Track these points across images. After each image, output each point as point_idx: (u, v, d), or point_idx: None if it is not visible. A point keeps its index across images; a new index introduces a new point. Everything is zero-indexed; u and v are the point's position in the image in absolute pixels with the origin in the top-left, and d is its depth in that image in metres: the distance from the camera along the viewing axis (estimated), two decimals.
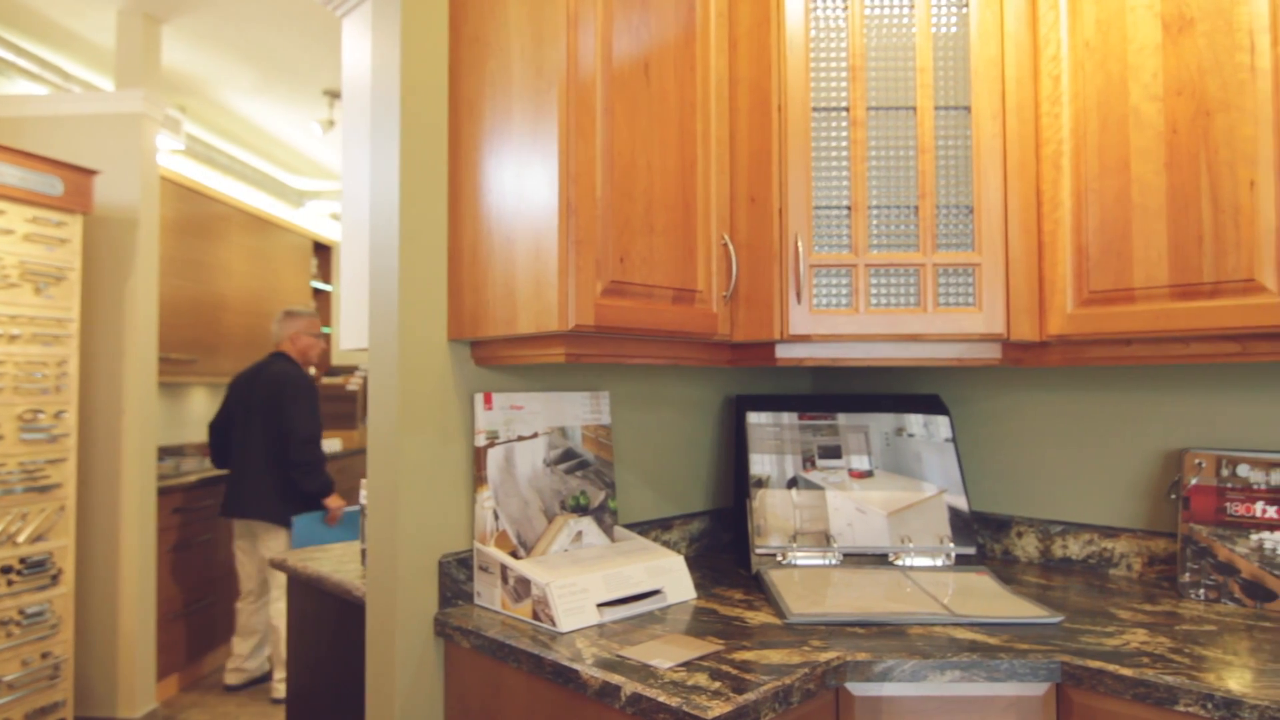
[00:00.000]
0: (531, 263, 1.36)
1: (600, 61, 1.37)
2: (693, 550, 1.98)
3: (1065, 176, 1.57)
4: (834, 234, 1.55)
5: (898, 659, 1.25)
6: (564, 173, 1.32)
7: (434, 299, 1.52)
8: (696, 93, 1.54)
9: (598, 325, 1.34)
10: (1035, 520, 1.89)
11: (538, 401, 1.63)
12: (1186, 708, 1.13)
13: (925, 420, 1.89)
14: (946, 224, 1.54)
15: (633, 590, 1.48)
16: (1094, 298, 1.53)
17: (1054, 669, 1.24)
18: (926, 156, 1.54)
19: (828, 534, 1.77)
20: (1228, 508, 1.57)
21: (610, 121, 1.38)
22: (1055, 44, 1.58)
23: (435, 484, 1.51)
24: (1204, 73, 1.41)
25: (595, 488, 1.70)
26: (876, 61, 1.56)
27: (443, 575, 1.51)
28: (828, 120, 1.56)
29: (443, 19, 1.54)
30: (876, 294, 1.54)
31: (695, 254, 1.53)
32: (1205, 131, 1.41)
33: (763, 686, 1.12)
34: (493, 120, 1.45)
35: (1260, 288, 1.35)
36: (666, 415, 1.95)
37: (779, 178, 1.56)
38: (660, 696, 1.10)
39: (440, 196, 1.53)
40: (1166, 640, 1.31)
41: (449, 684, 1.50)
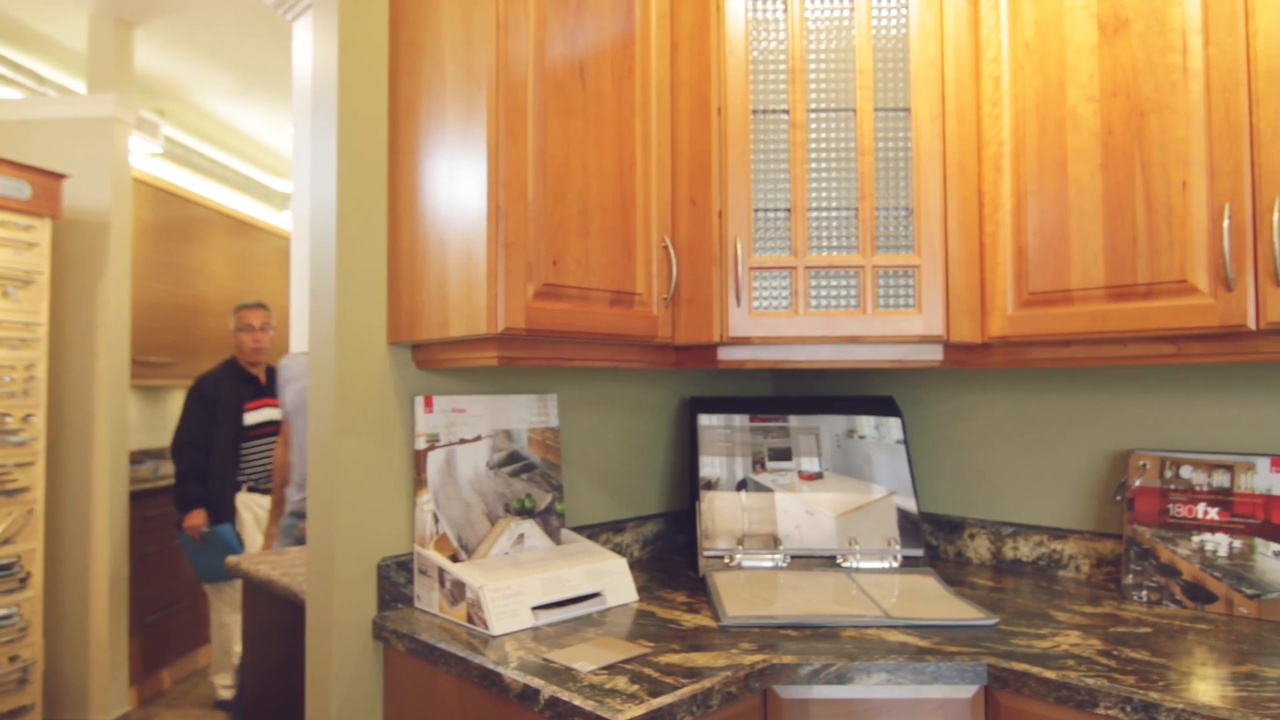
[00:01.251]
0: (462, 265, 1.36)
1: (532, 65, 1.37)
2: (646, 552, 1.97)
3: (1005, 178, 1.57)
4: (774, 236, 1.55)
5: (824, 661, 1.24)
6: (492, 175, 1.32)
7: (373, 302, 1.52)
8: (636, 95, 1.54)
9: (529, 328, 1.34)
10: (987, 522, 1.89)
11: (481, 404, 1.63)
12: (1107, 710, 1.13)
13: (877, 422, 1.88)
14: (886, 226, 1.54)
15: (570, 593, 1.48)
16: (1033, 299, 1.53)
17: (981, 671, 1.24)
18: (866, 158, 1.54)
19: (776, 536, 1.77)
20: (1170, 509, 1.57)
21: (543, 124, 1.38)
22: (996, 45, 1.58)
23: (374, 487, 1.50)
24: (1138, 73, 1.41)
25: (541, 490, 1.70)
26: (816, 64, 1.56)
27: (381, 578, 1.50)
28: (768, 123, 1.56)
29: (382, 24, 1.54)
30: (816, 296, 1.54)
31: (634, 256, 1.52)
32: (1139, 132, 1.41)
33: (680, 689, 1.12)
34: (428, 124, 1.45)
35: (1192, 289, 1.35)
36: (620, 418, 1.95)
37: (719, 180, 1.56)
38: (576, 700, 1.09)
39: (380, 199, 1.53)
40: (1098, 643, 1.31)
41: (388, 687, 1.50)
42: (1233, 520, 1.50)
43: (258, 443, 3.39)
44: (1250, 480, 1.50)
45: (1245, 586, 1.46)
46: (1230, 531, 1.50)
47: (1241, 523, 1.49)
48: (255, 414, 3.40)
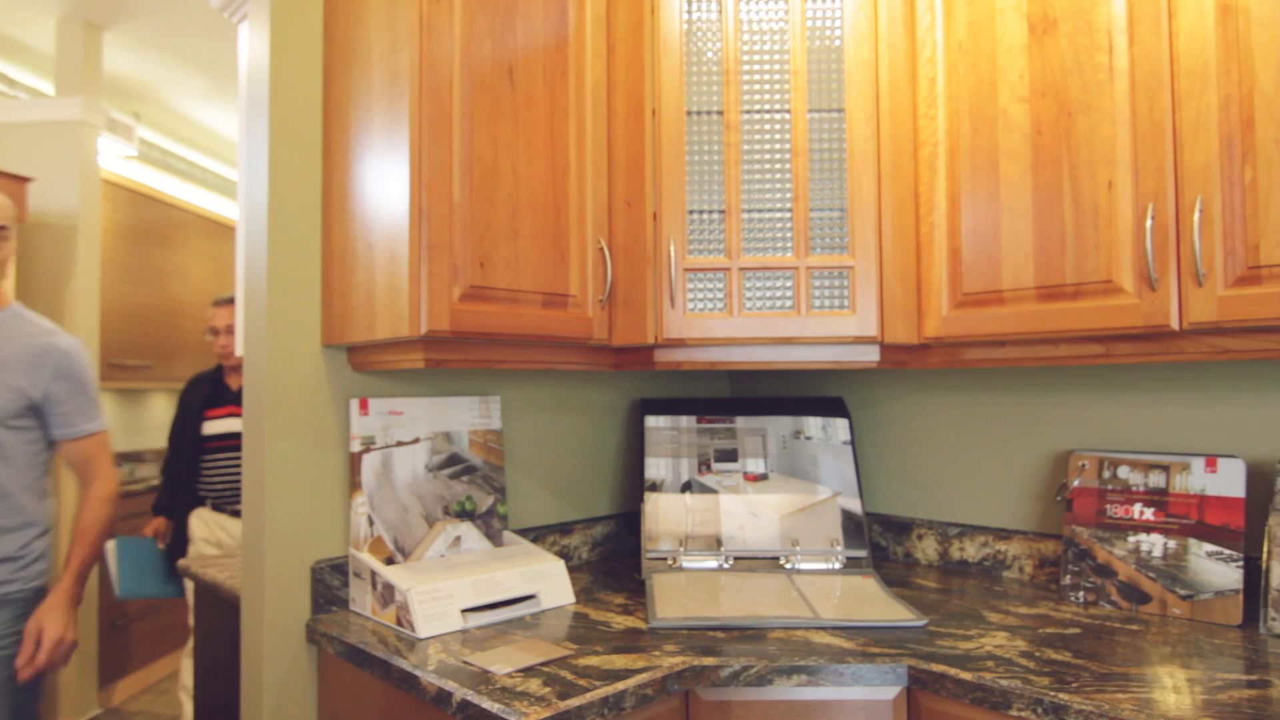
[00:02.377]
0: (387, 268, 1.36)
1: (458, 67, 1.37)
2: (596, 554, 1.97)
3: (940, 178, 1.56)
4: (709, 238, 1.55)
5: (745, 664, 1.24)
6: (415, 178, 1.32)
7: (306, 304, 1.51)
8: (570, 98, 1.54)
9: (454, 331, 1.34)
10: (935, 523, 1.88)
11: (420, 407, 1.63)
12: (1020, 712, 1.13)
13: (824, 423, 1.88)
14: (820, 227, 1.54)
15: (503, 595, 1.48)
16: (967, 300, 1.53)
17: (901, 673, 1.24)
18: (801, 160, 1.54)
19: (719, 538, 1.76)
20: (1108, 510, 1.57)
21: (469, 127, 1.38)
22: (931, 46, 1.58)
23: (308, 490, 1.50)
24: (1066, 73, 1.41)
25: (483, 493, 1.70)
26: (750, 65, 1.56)
27: (316, 581, 1.50)
28: (702, 124, 1.56)
29: (317, 25, 1.54)
30: (751, 297, 1.54)
31: (568, 258, 1.52)
32: (1068, 132, 1.40)
33: (590, 692, 1.12)
34: (358, 126, 1.45)
35: (1118, 289, 1.35)
36: (569, 419, 1.95)
37: (653, 182, 1.56)
38: (484, 703, 1.09)
39: (314, 201, 1.53)
40: (1023, 644, 1.31)
41: (322, 691, 1.50)
42: (1167, 521, 1.50)
43: (220, 455, 2.97)
44: (1185, 480, 1.50)
45: (1178, 587, 1.46)
46: (1165, 532, 1.50)
47: (1176, 523, 1.49)
48: (218, 423, 2.99)
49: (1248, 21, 1.23)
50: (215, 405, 2.98)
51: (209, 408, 2.98)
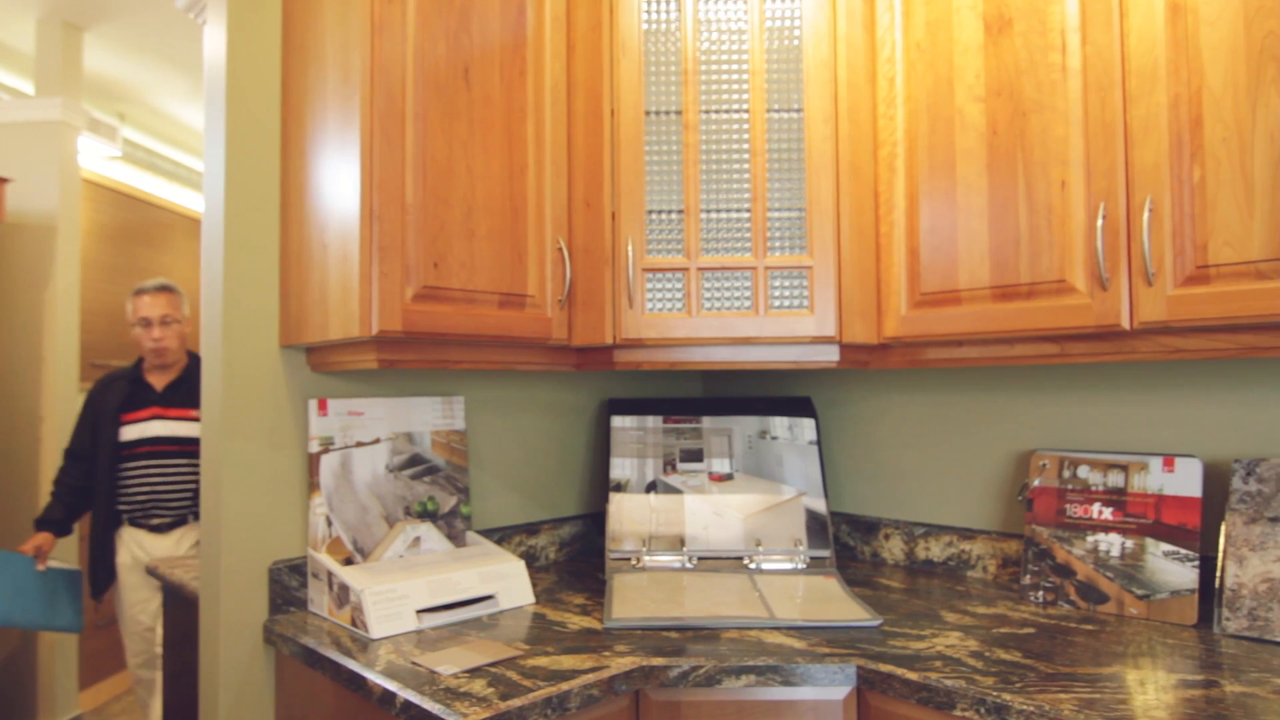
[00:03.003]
0: (339, 268, 1.36)
1: (411, 68, 1.37)
2: (563, 554, 1.97)
3: (900, 178, 1.56)
4: (667, 238, 1.55)
5: (693, 664, 1.24)
6: (366, 179, 1.32)
7: (264, 304, 1.51)
8: (528, 98, 1.54)
9: (406, 331, 1.34)
10: (901, 522, 1.88)
11: (381, 407, 1.63)
12: (963, 711, 1.12)
13: (791, 423, 1.88)
14: (779, 227, 1.54)
15: (460, 596, 1.48)
16: (925, 299, 1.52)
17: (850, 673, 1.24)
18: (759, 159, 1.54)
19: (682, 538, 1.76)
20: (1067, 509, 1.57)
21: (423, 127, 1.38)
22: (891, 45, 1.58)
23: (266, 491, 1.50)
24: (1021, 73, 1.41)
25: (446, 493, 1.69)
26: (709, 65, 1.56)
27: (273, 582, 1.50)
28: (661, 124, 1.56)
29: (275, 26, 1.54)
30: (710, 297, 1.54)
31: (526, 258, 1.52)
32: (1022, 132, 1.40)
33: (533, 692, 1.12)
34: (314, 126, 1.45)
35: (1071, 288, 1.35)
36: (537, 420, 1.95)
37: (611, 182, 1.56)
38: (426, 703, 1.09)
39: (272, 202, 1.53)
40: (975, 644, 1.31)
41: (279, 692, 1.49)
42: (1125, 520, 1.50)
43: (141, 464, 2.59)
44: (1144, 480, 1.50)
45: (1135, 587, 1.46)
46: (1123, 531, 1.50)
47: (1134, 523, 1.49)
48: (138, 427, 2.60)
49: (1196, 20, 1.23)
50: (135, 407, 2.63)
51: (127, 410, 2.62)
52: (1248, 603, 1.33)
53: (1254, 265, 1.17)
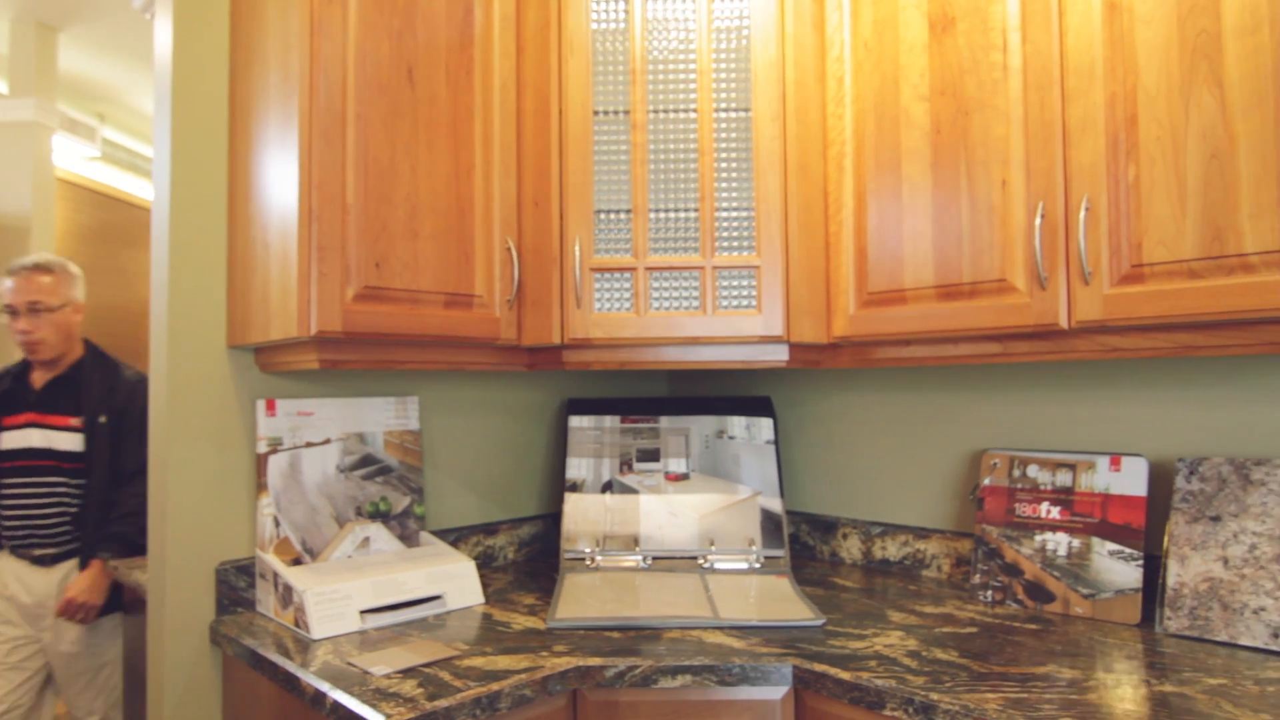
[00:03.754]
0: (280, 268, 1.35)
1: (352, 67, 1.37)
2: (523, 555, 1.97)
3: (848, 178, 1.56)
4: (615, 237, 1.55)
5: (629, 664, 1.24)
6: (305, 179, 1.31)
7: (210, 304, 1.51)
8: (476, 98, 1.54)
9: (347, 331, 1.34)
10: (859, 522, 1.88)
11: (332, 407, 1.63)
12: (893, 711, 1.12)
13: (748, 423, 1.88)
14: (727, 226, 1.54)
15: (406, 596, 1.48)
16: (872, 299, 1.52)
17: (786, 673, 1.24)
18: (707, 159, 1.54)
19: (637, 537, 1.76)
20: (1016, 508, 1.57)
21: (364, 127, 1.38)
22: (839, 45, 1.58)
23: (213, 491, 1.50)
24: (963, 72, 1.41)
25: (399, 493, 1.69)
26: (657, 65, 1.55)
27: (221, 583, 1.50)
28: (609, 123, 1.56)
29: (223, 25, 1.54)
30: (658, 297, 1.53)
31: (473, 258, 1.52)
32: (964, 131, 1.40)
33: (463, 693, 1.12)
34: (258, 126, 1.45)
35: (1012, 288, 1.35)
36: (495, 420, 1.95)
37: (559, 181, 1.55)
38: (353, 704, 1.09)
39: (218, 201, 1.53)
40: (914, 643, 1.31)
41: (226, 693, 1.49)
42: (1073, 519, 1.50)
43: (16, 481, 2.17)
44: (1091, 479, 1.50)
45: (1081, 586, 1.46)
46: (1070, 531, 1.50)
47: (1081, 522, 1.49)
48: (16, 435, 2.18)
49: (1132, 19, 1.23)
50: (10, 411, 2.21)
51: (6, 414, 2.21)
52: (1189, 602, 1.33)
53: (1187, 264, 1.17)
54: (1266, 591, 1.27)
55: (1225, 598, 1.30)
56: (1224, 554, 1.32)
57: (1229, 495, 1.34)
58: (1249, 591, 1.28)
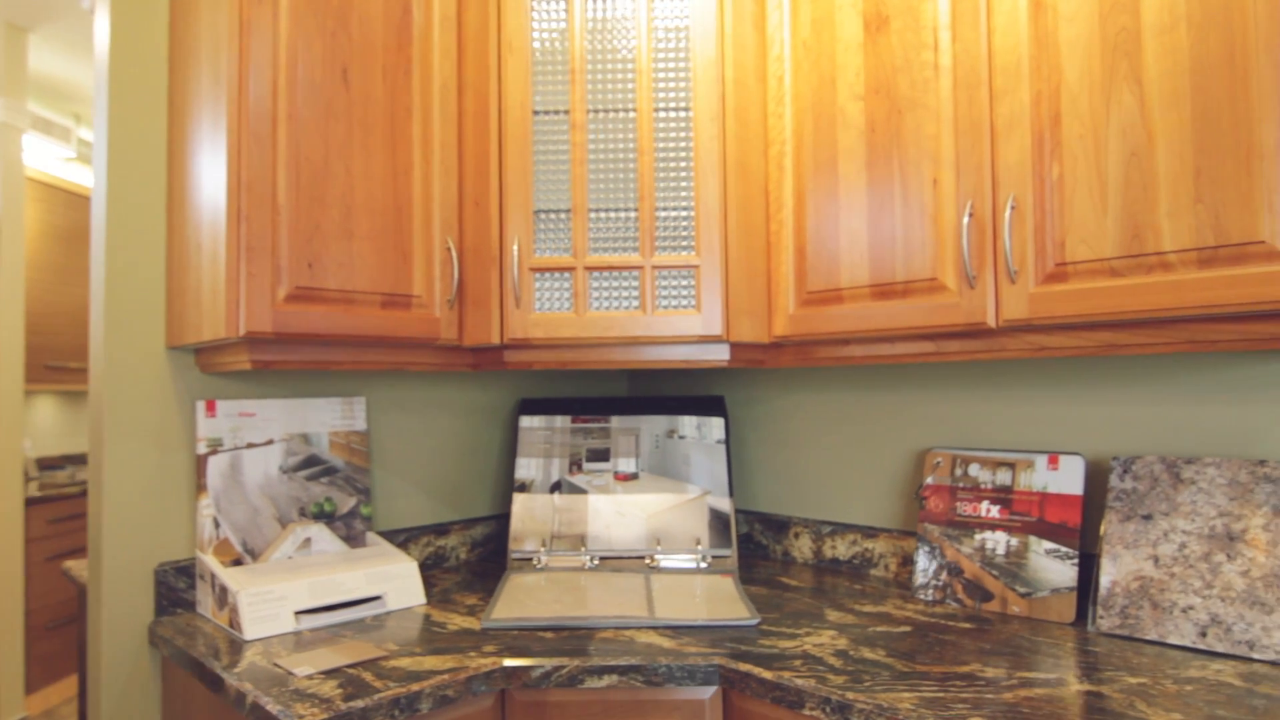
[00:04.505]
0: (211, 268, 1.35)
1: (283, 68, 1.37)
2: (475, 555, 1.97)
3: (788, 177, 1.56)
4: (555, 237, 1.54)
5: (556, 664, 1.24)
6: (234, 179, 1.31)
7: (149, 304, 1.51)
8: (414, 97, 1.54)
9: (277, 332, 1.33)
10: (810, 521, 1.88)
11: (274, 408, 1.63)
12: (811, 710, 1.12)
13: (699, 422, 1.88)
14: (667, 226, 1.54)
15: (344, 597, 1.48)
16: (811, 298, 1.52)
17: (713, 673, 1.24)
18: (646, 159, 1.54)
19: (584, 537, 1.76)
20: (958, 507, 1.57)
21: (296, 128, 1.38)
22: (780, 44, 1.58)
23: (152, 492, 1.50)
24: (896, 71, 1.41)
25: (345, 494, 1.69)
26: (597, 64, 1.55)
27: (160, 583, 1.50)
28: (548, 123, 1.56)
29: (162, 24, 1.54)
30: (597, 297, 1.53)
31: (411, 258, 1.52)
32: (898, 130, 1.40)
33: (381, 694, 1.12)
34: (193, 125, 1.44)
35: (942, 287, 1.35)
36: (447, 420, 1.95)
37: (498, 181, 1.55)
38: (270, 705, 1.09)
39: (158, 201, 1.52)
40: (844, 642, 1.31)
41: (165, 694, 1.49)
42: (1011, 518, 1.50)
43: None
44: (1029, 478, 1.50)
45: (1018, 585, 1.46)
46: (1009, 529, 1.50)
47: (1019, 520, 1.49)
48: None
49: (1056, 17, 1.23)
50: None
51: None
52: (1120, 600, 1.33)
53: (1108, 263, 1.17)
54: (1195, 590, 1.27)
55: (1155, 596, 1.30)
56: (1155, 553, 1.32)
57: (1160, 494, 1.34)
58: (1178, 590, 1.28)
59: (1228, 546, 1.26)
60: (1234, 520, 1.26)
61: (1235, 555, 1.25)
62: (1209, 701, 1.05)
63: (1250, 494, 1.26)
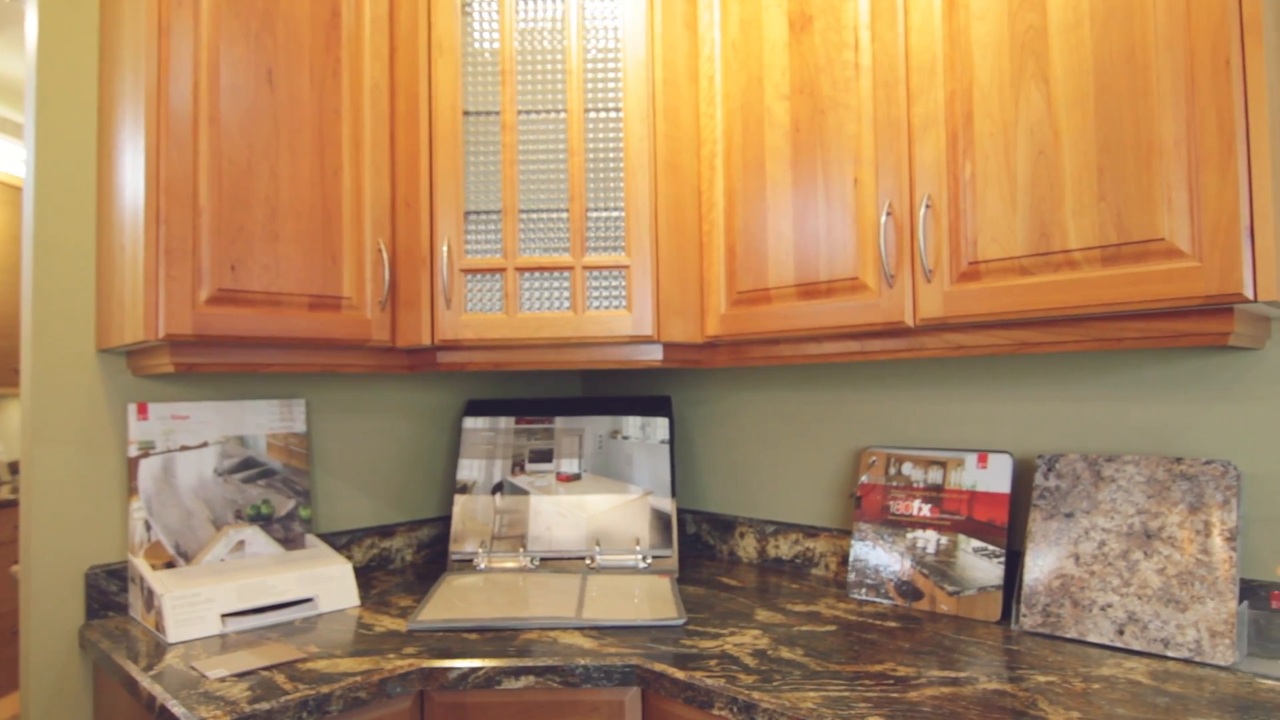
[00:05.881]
0: (131, 270, 1.35)
1: (205, 71, 1.36)
2: (421, 556, 1.97)
3: (719, 177, 1.56)
4: (486, 238, 1.54)
5: (473, 665, 1.24)
6: (152, 181, 1.31)
7: (79, 307, 1.51)
8: (344, 99, 1.54)
9: (199, 334, 1.33)
10: (755, 521, 1.88)
11: (209, 410, 1.62)
12: (720, 710, 1.12)
13: (644, 423, 1.88)
14: (598, 227, 1.54)
15: (273, 599, 1.47)
16: (741, 298, 1.52)
17: (629, 673, 1.24)
18: (577, 159, 1.54)
19: (525, 538, 1.76)
20: (891, 506, 1.57)
21: (217, 130, 1.37)
22: (711, 44, 1.58)
23: (83, 495, 1.50)
24: (819, 70, 1.41)
25: (283, 496, 1.69)
26: (527, 65, 1.55)
27: (90, 587, 1.50)
28: (479, 124, 1.55)
29: (93, 24, 1.54)
30: (528, 298, 1.53)
31: (341, 260, 1.52)
32: (821, 130, 1.40)
33: (287, 696, 1.11)
34: (118, 128, 1.44)
35: (864, 286, 1.35)
36: (392, 421, 1.94)
37: (429, 182, 1.55)
38: (176, 708, 1.09)
39: (87, 203, 1.52)
40: (766, 642, 1.31)
41: (97, 697, 1.49)
42: (941, 517, 1.50)
43: None
44: (960, 476, 1.50)
45: (947, 583, 1.46)
46: (939, 528, 1.50)
47: (949, 519, 1.49)
48: None
49: (968, 16, 1.23)
50: None
51: None
52: (1042, 599, 1.33)
53: (1018, 261, 1.17)
54: (1113, 588, 1.27)
55: (1076, 594, 1.30)
56: (1076, 551, 1.32)
57: (1082, 492, 1.34)
58: (1097, 588, 1.28)
59: (1145, 544, 1.26)
60: (1151, 518, 1.26)
61: (1152, 553, 1.25)
62: (1111, 700, 1.05)
63: (1167, 491, 1.26)
